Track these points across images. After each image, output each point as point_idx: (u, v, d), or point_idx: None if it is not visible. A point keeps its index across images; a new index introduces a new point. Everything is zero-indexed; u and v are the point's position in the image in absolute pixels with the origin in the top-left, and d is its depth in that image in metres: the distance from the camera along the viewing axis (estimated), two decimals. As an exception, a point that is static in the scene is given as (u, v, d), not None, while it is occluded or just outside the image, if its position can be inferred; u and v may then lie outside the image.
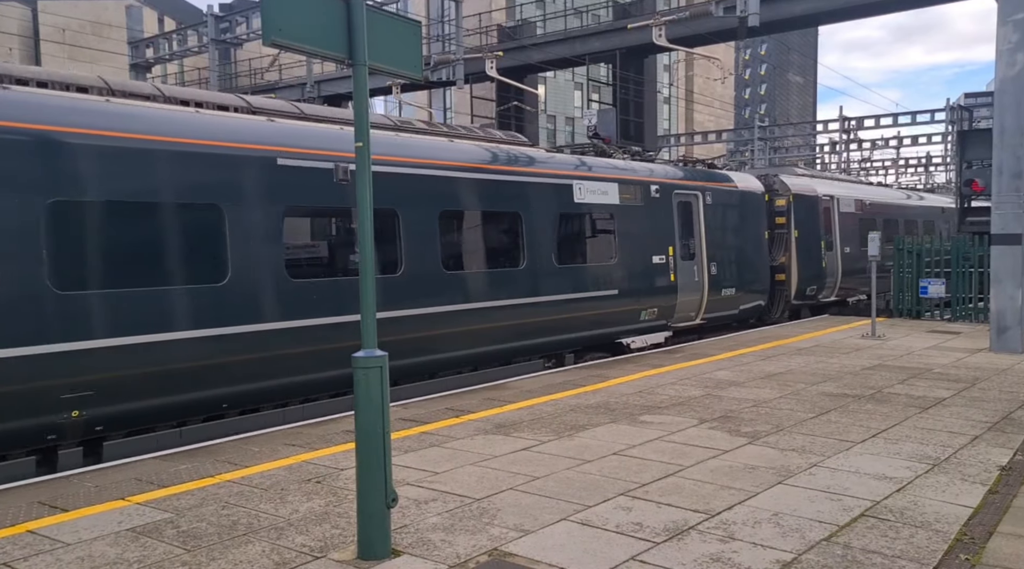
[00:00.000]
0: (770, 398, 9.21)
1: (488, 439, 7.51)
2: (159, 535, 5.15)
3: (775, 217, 17.77)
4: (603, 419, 8.26)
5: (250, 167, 8.34)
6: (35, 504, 5.79)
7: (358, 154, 4.83)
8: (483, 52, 28.63)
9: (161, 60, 36.74)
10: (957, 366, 11.30)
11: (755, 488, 5.95)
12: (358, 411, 4.82)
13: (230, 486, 6.15)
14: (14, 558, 4.81)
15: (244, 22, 32.78)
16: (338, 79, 35.55)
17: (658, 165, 15.38)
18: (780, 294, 17.81)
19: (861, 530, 5.11)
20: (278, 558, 4.76)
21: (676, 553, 4.78)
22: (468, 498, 5.80)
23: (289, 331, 8.52)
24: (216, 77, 34.08)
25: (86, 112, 7.40)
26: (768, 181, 17.93)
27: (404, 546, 4.92)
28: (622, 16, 31.75)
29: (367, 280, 4.84)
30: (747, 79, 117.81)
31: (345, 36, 4.80)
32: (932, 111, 44.61)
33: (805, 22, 31.39)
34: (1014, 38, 12.34)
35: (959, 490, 5.88)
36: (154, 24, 48.29)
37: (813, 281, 18.63)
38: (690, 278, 14.63)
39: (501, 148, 11.93)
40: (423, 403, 9.27)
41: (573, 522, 5.30)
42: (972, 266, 16.33)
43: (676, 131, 72.05)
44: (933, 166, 56.09)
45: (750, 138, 53.05)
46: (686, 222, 14.74)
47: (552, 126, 62.20)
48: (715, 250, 15.22)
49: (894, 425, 7.86)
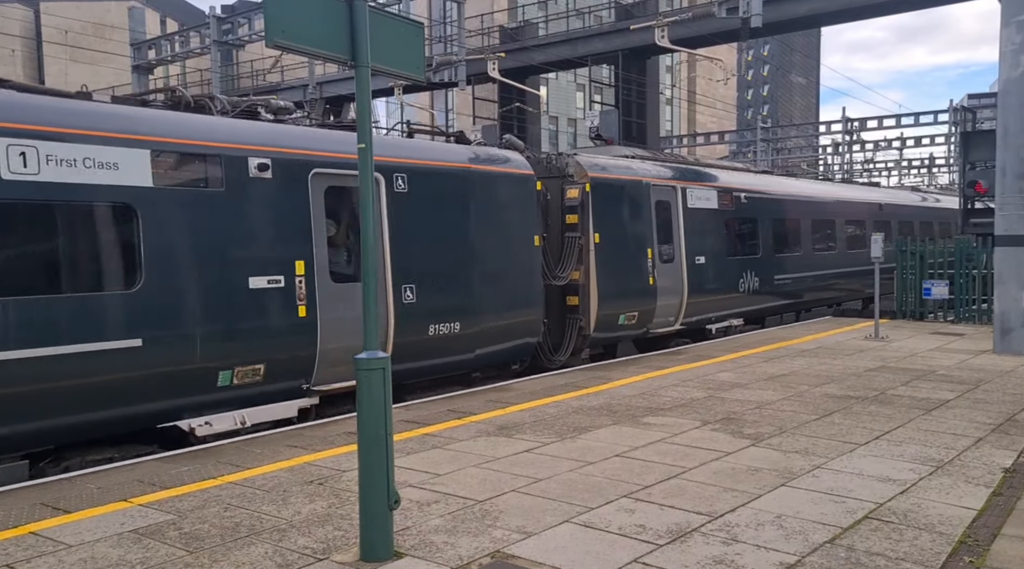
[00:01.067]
0: (773, 400, 9.20)
1: (490, 441, 7.50)
2: (161, 536, 5.15)
3: (565, 214, 12.55)
4: (606, 421, 8.25)
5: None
6: (38, 505, 5.79)
7: (361, 155, 4.82)
8: (485, 53, 28.67)
9: (163, 62, 36.77)
10: (961, 368, 11.27)
11: (758, 490, 5.93)
12: (360, 413, 4.82)
13: (232, 488, 6.15)
14: (17, 560, 4.81)
15: (246, 23, 32.82)
16: (340, 80, 35.59)
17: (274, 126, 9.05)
18: (572, 325, 12.50)
19: (865, 532, 5.09)
20: (280, 560, 4.75)
21: (679, 555, 4.76)
22: (470, 500, 5.79)
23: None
24: (218, 79, 34.11)
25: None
26: (559, 162, 12.82)
27: (406, 548, 4.91)
28: (624, 17, 31.75)
29: (368, 280, 4.84)
30: (750, 80, 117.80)
31: (348, 37, 4.80)
32: (935, 112, 44.63)
33: (808, 23, 31.36)
34: (1018, 39, 12.31)
35: (963, 492, 5.86)
36: (156, 26, 48.39)
37: (631, 305, 13.13)
38: (342, 313, 8.83)
39: None
40: (425, 405, 9.27)
41: (576, 524, 5.29)
42: (976, 267, 16.30)
43: (678, 132, 72.08)
44: (936, 168, 56.07)
45: (752, 139, 53.04)
46: (338, 218, 9.12)
47: (554, 127, 62.22)
48: (412, 263, 9.64)
49: (897, 427, 7.84)
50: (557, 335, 12.53)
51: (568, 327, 12.57)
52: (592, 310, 12.42)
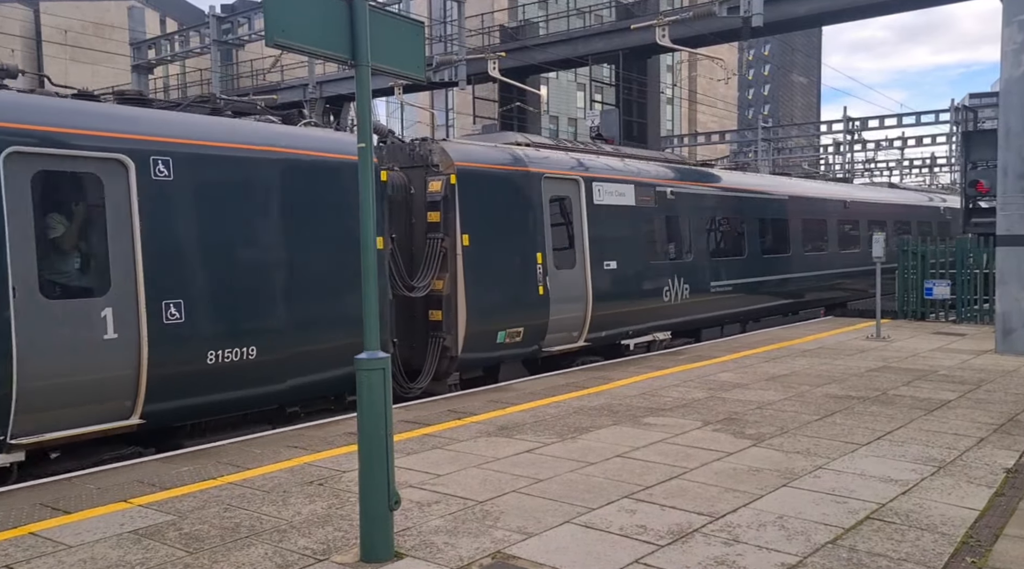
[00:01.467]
0: (774, 400, 9.18)
1: (491, 441, 7.48)
2: (161, 537, 5.13)
3: (428, 212, 10.50)
4: (606, 421, 8.23)
5: None
6: (37, 506, 5.77)
7: (361, 155, 4.81)
8: (485, 53, 28.63)
9: (163, 61, 36.77)
10: (962, 368, 11.25)
11: (760, 491, 5.91)
12: (360, 413, 4.81)
13: (232, 488, 6.13)
14: (16, 560, 4.80)
15: (246, 23, 32.78)
16: (340, 80, 35.57)
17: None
18: (434, 345, 10.39)
19: (867, 533, 5.08)
20: (280, 561, 4.74)
21: (680, 556, 4.75)
22: (471, 500, 5.77)
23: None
24: (218, 78, 34.10)
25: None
26: (422, 150, 10.73)
27: (407, 549, 4.90)
28: (625, 16, 31.73)
29: (369, 282, 4.83)
30: (750, 80, 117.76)
31: (348, 37, 4.79)
32: (937, 112, 44.53)
33: (809, 22, 31.34)
34: (1019, 38, 12.29)
35: (965, 493, 5.84)
36: (156, 25, 48.38)
37: (513, 320, 11.00)
38: (58, 339, 6.81)
39: None
40: (425, 405, 9.25)
41: (577, 525, 5.27)
42: (977, 267, 16.28)
43: (679, 132, 72.04)
44: (938, 167, 56.04)
45: (753, 139, 53.02)
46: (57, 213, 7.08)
47: (555, 127, 62.22)
48: (179, 272, 7.60)
49: (899, 427, 7.82)
50: (420, 357, 10.39)
51: (430, 347, 10.38)
52: (460, 326, 10.30)
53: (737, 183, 16.80)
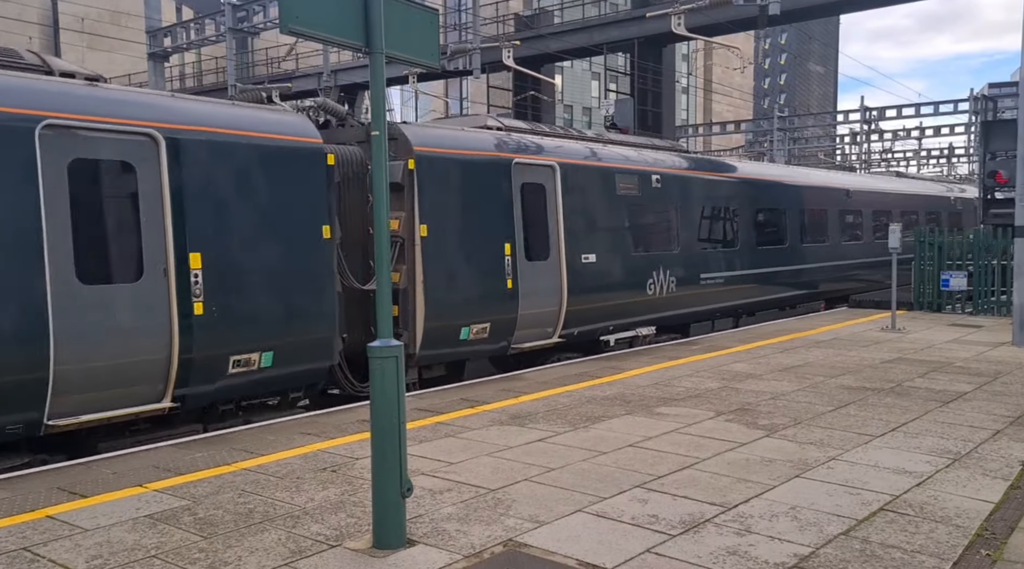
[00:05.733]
0: (788, 391, 9.14)
1: (503, 430, 7.50)
2: (176, 522, 5.18)
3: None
4: (619, 411, 8.23)
5: None
6: (54, 490, 5.84)
7: (374, 142, 4.81)
8: (500, 41, 28.55)
9: (179, 49, 36.87)
10: (979, 360, 11.17)
11: (772, 481, 5.90)
12: (374, 401, 4.82)
13: (246, 474, 6.18)
14: (34, 543, 4.86)
15: (261, 11, 32.78)
16: (355, 68, 35.58)
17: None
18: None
19: (880, 524, 5.06)
20: (294, 546, 4.77)
21: (692, 546, 4.75)
22: (483, 489, 5.79)
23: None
24: (233, 66, 34.17)
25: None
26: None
27: (419, 536, 4.92)
28: (641, 5, 31.51)
29: (383, 274, 4.84)
30: (767, 69, 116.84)
31: (362, 24, 4.77)
32: (955, 101, 44.01)
33: (827, 10, 31.06)
34: (1041, 27, 12.11)
35: (980, 485, 5.80)
36: (172, 13, 48.51)
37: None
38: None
39: None
40: (438, 393, 9.28)
41: (588, 514, 5.28)
42: (995, 258, 16.11)
43: (694, 121, 71.63)
44: (956, 158, 55.46)
45: (769, 129, 52.62)
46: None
47: (569, 116, 62.01)
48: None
49: (914, 419, 7.78)
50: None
51: None
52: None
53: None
